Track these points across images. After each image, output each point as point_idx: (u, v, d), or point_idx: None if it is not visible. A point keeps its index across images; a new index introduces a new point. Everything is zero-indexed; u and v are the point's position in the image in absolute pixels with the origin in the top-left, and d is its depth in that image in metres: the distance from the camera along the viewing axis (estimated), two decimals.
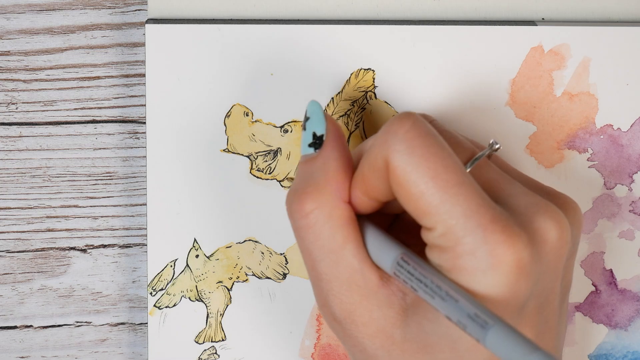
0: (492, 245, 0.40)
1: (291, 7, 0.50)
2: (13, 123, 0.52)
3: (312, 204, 0.43)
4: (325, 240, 0.43)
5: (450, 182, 0.40)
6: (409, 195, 0.41)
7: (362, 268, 0.43)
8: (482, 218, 0.40)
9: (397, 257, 0.42)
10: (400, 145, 0.41)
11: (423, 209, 0.41)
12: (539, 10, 0.51)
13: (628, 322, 0.54)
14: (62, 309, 0.54)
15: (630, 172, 0.52)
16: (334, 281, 0.44)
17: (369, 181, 0.43)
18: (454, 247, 0.40)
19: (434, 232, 0.41)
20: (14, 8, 0.50)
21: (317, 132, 0.45)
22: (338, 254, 0.43)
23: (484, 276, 0.40)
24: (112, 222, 0.53)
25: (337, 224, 0.43)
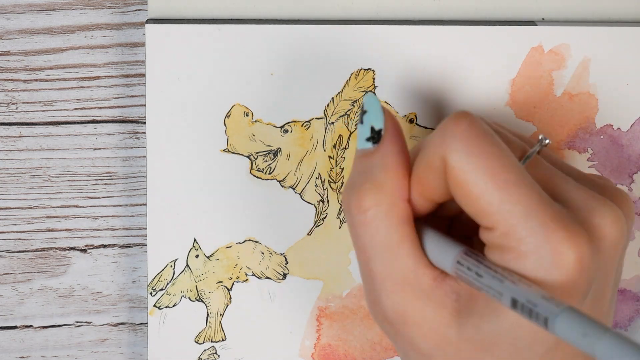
0: (554, 244, 0.40)
1: (291, 7, 0.50)
2: (13, 123, 0.52)
3: (371, 201, 0.43)
4: (381, 238, 0.43)
5: (510, 182, 0.40)
6: (468, 195, 0.41)
7: (417, 268, 0.43)
8: (543, 217, 0.40)
9: (458, 254, 0.42)
10: (458, 144, 0.41)
11: (483, 208, 0.41)
12: (539, 10, 0.51)
13: (628, 322, 0.54)
14: (62, 309, 0.54)
15: (630, 172, 0.52)
16: (388, 280, 0.43)
17: (425, 182, 0.43)
18: (516, 246, 0.40)
19: (495, 232, 0.41)
20: (14, 8, 0.50)
21: (376, 126, 0.45)
22: (394, 253, 0.43)
23: (548, 274, 0.40)
24: (112, 222, 0.53)
25: (395, 222, 0.43)
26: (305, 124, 0.51)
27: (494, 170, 0.40)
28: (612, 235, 0.42)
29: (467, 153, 0.41)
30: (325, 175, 0.51)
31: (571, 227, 0.40)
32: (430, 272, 0.43)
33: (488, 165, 0.40)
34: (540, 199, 0.40)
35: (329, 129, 0.51)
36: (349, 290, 0.53)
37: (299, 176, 0.51)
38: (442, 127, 0.42)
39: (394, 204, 0.43)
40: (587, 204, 0.42)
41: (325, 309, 0.53)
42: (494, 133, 0.42)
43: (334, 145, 0.51)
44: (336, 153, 0.51)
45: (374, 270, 0.44)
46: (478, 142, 0.41)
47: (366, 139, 0.45)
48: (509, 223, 0.40)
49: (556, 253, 0.40)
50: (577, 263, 0.40)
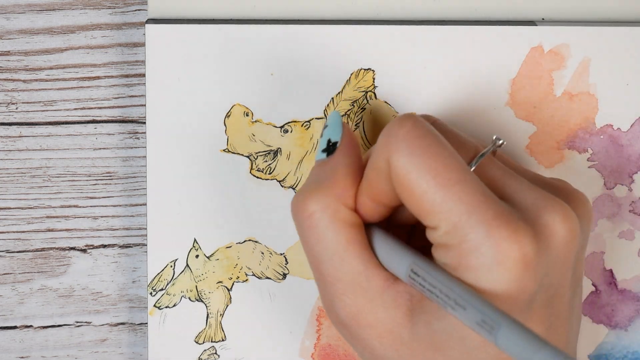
0: (496, 241, 0.40)
1: (291, 7, 0.50)
2: (13, 123, 0.52)
3: (316, 205, 0.44)
4: (328, 241, 0.43)
5: (452, 180, 0.40)
6: (411, 195, 0.41)
7: (367, 270, 0.43)
8: (485, 214, 0.40)
9: (409, 266, 0.42)
10: (401, 145, 0.41)
11: (426, 208, 0.41)
12: (539, 10, 0.51)
13: (628, 322, 0.54)
14: (62, 309, 0.54)
15: (630, 172, 0.52)
16: (338, 283, 0.44)
17: (374, 185, 0.43)
18: (459, 244, 0.40)
19: (438, 231, 0.41)
20: (14, 8, 0.50)
21: (332, 139, 0.45)
22: (341, 256, 0.43)
23: (490, 272, 0.40)
24: (112, 222, 0.53)
25: (341, 225, 0.43)
26: (305, 124, 0.51)
27: (436, 170, 0.41)
28: (562, 233, 0.41)
29: (410, 153, 0.41)
30: None
31: (514, 225, 0.40)
32: (381, 274, 0.43)
33: (430, 164, 0.41)
34: (484, 197, 0.40)
35: None
36: None
37: (299, 176, 0.51)
38: (386, 130, 0.42)
39: (339, 208, 0.44)
40: (536, 202, 0.42)
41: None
42: (439, 134, 0.42)
43: None
44: None
45: (324, 274, 0.44)
46: (421, 143, 0.41)
47: (322, 150, 0.46)
48: (451, 221, 0.40)
49: (498, 250, 0.40)
50: (519, 261, 0.40)
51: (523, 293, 0.40)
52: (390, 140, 0.42)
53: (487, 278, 0.40)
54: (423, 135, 0.41)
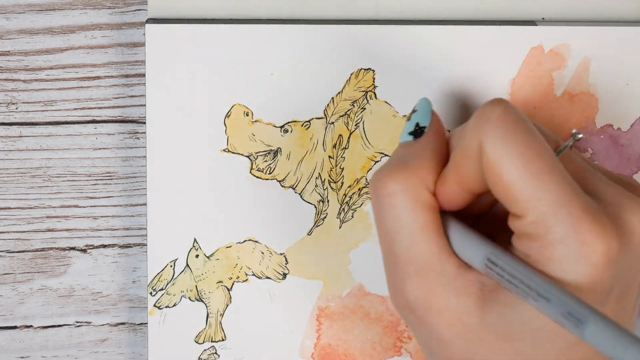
0: (582, 235, 0.40)
1: (291, 7, 0.50)
2: (13, 123, 0.52)
3: (399, 185, 0.43)
4: (406, 222, 0.43)
5: (543, 169, 0.40)
6: (501, 181, 0.41)
7: (441, 254, 0.43)
8: (574, 207, 0.40)
9: (485, 255, 0.42)
10: (494, 130, 0.41)
11: (515, 195, 0.40)
12: (539, 10, 0.51)
13: None
14: (62, 309, 0.54)
15: (630, 172, 0.52)
16: (411, 264, 0.43)
17: (462, 169, 0.43)
18: (545, 235, 0.40)
19: (525, 220, 0.41)
20: (14, 8, 0.50)
21: (421, 123, 0.45)
22: (418, 238, 0.43)
23: (574, 265, 0.40)
24: (112, 222, 0.53)
25: (421, 208, 0.43)
26: (305, 123, 0.51)
27: (528, 157, 0.40)
28: None
29: (502, 138, 0.41)
30: (325, 175, 0.51)
31: (601, 220, 0.40)
32: (455, 261, 0.43)
33: (522, 151, 0.40)
34: (572, 190, 0.40)
35: (329, 128, 0.51)
36: (349, 290, 0.53)
37: (299, 176, 0.51)
38: (478, 113, 0.42)
39: (421, 191, 0.43)
40: (618, 199, 0.42)
41: (325, 308, 0.53)
42: (529, 121, 0.42)
43: (334, 145, 0.51)
44: (336, 153, 0.51)
45: (397, 254, 0.43)
46: (514, 128, 0.41)
47: (409, 132, 0.45)
48: (539, 211, 0.40)
49: (584, 244, 0.40)
50: (604, 256, 0.40)
51: (603, 287, 0.40)
52: (483, 124, 0.41)
53: (570, 271, 0.40)
54: (516, 120, 0.41)
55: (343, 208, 0.52)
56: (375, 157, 0.51)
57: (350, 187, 0.51)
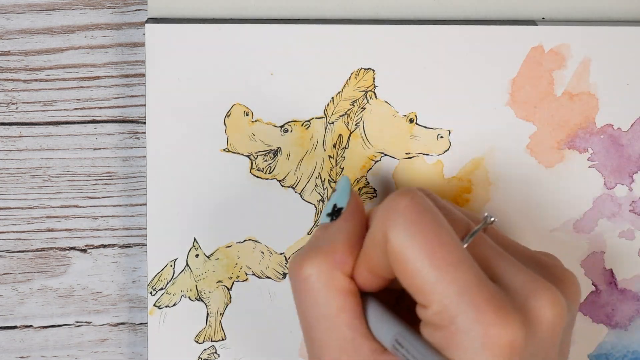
0: (485, 326, 0.40)
1: (291, 7, 0.50)
2: (13, 123, 0.52)
3: (312, 269, 0.44)
4: (320, 306, 0.44)
5: (447, 260, 0.40)
6: (405, 271, 0.41)
7: (354, 338, 0.43)
8: (477, 298, 0.40)
9: (394, 336, 0.42)
10: (399, 220, 0.41)
11: (418, 286, 0.41)
12: (539, 10, 0.51)
13: (628, 322, 0.54)
14: (62, 309, 0.54)
15: (631, 172, 0.52)
16: (325, 347, 0.44)
17: (371, 257, 0.43)
18: (448, 325, 0.40)
19: (429, 310, 0.41)
20: (14, 8, 0.50)
21: (338, 204, 0.46)
22: (332, 322, 0.44)
23: (477, 355, 0.40)
24: (112, 222, 0.53)
25: (334, 292, 0.44)
26: (305, 123, 0.51)
27: (432, 249, 0.41)
28: (549, 318, 0.42)
29: (407, 229, 0.41)
30: (325, 175, 0.51)
31: (504, 310, 0.40)
32: (369, 344, 0.43)
33: (426, 242, 0.41)
34: (476, 280, 0.40)
35: (329, 128, 0.51)
36: None
37: (299, 176, 0.51)
38: (385, 203, 0.42)
39: (335, 275, 0.44)
40: (525, 286, 0.42)
41: None
42: (437, 211, 0.42)
43: (334, 144, 0.51)
44: (336, 153, 0.51)
45: (313, 337, 0.44)
46: (418, 219, 0.41)
47: (327, 214, 0.46)
48: (442, 302, 0.40)
49: (486, 336, 0.40)
50: (507, 347, 0.40)
51: None
52: (389, 214, 0.42)
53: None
54: (421, 210, 0.41)
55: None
56: (375, 156, 0.51)
57: None
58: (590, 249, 0.53)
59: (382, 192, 0.52)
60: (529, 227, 0.52)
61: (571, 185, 0.52)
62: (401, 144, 0.51)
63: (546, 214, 0.52)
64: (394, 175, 0.51)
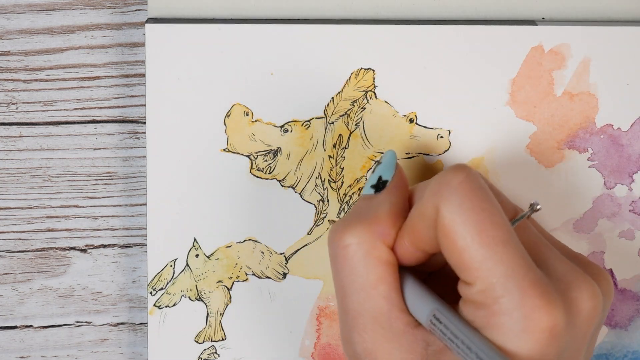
0: (528, 309, 0.40)
1: (291, 7, 0.50)
2: (13, 123, 0.52)
3: (354, 238, 0.44)
4: (358, 276, 0.43)
5: (496, 240, 0.40)
6: (454, 247, 0.41)
7: (390, 311, 0.43)
8: (522, 280, 0.40)
9: (431, 311, 0.42)
10: (452, 195, 0.41)
11: (466, 263, 0.41)
12: (539, 10, 0.51)
13: (628, 322, 0.54)
14: (62, 309, 0.54)
15: (631, 172, 0.52)
16: (360, 318, 0.44)
17: (418, 229, 0.43)
18: (491, 305, 0.40)
19: (473, 288, 0.41)
20: (14, 8, 0.50)
21: (384, 176, 0.46)
22: (369, 292, 0.43)
23: (517, 338, 0.40)
24: (112, 222, 0.53)
25: (374, 262, 0.43)
26: (305, 123, 0.51)
27: (483, 226, 0.41)
28: (588, 310, 0.42)
29: (460, 205, 0.41)
30: (325, 175, 0.51)
31: (548, 296, 0.40)
32: (404, 317, 0.43)
33: (478, 220, 0.41)
34: (524, 262, 0.40)
35: (329, 128, 0.51)
36: None
37: (299, 176, 0.51)
38: (439, 177, 0.42)
39: (376, 245, 0.44)
40: (567, 276, 0.42)
41: (325, 308, 0.53)
42: (489, 190, 0.42)
43: (334, 144, 0.51)
44: (336, 152, 0.51)
45: (348, 306, 0.44)
46: (472, 196, 0.41)
47: (371, 185, 0.46)
48: (488, 281, 0.40)
49: (529, 318, 0.40)
50: (548, 332, 0.40)
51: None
52: (443, 189, 0.42)
53: (514, 342, 0.40)
54: (476, 188, 0.41)
55: (343, 207, 0.52)
56: (375, 156, 0.51)
57: (350, 186, 0.51)
58: (590, 249, 0.53)
59: None
60: None
61: (571, 185, 0.52)
62: (401, 144, 0.51)
63: (546, 214, 0.52)
64: None
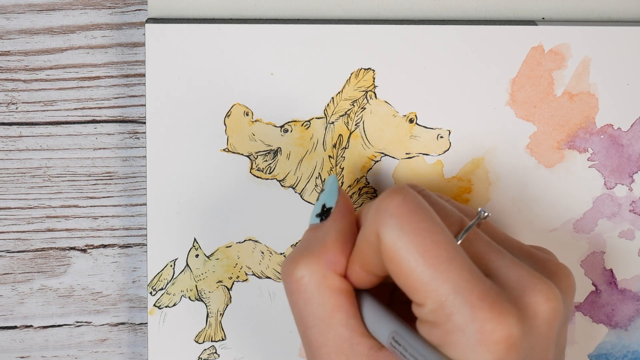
0: (480, 323, 0.40)
1: (291, 7, 0.50)
2: (13, 123, 0.52)
3: (304, 270, 0.44)
4: (315, 307, 0.44)
5: (440, 258, 0.40)
6: (399, 271, 0.41)
7: (351, 337, 0.43)
8: (471, 294, 0.40)
9: (390, 333, 0.42)
10: (391, 220, 0.41)
11: (413, 285, 0.41)
12: (539, 10, 0.51)
13: (628, 322, 0.54)
14: (62, 309, 0.54)
15: (631, 172, 0.52)
16: (323, 347, 0.44)
17: (364, 256, 0.43)
18: (444, 323, 0.40)
19: (424, 309, 0.41)
20: (14, 8, 0.50)
21: (327, 204, 0.46)
22: (327, 322, 0.44)
23: (474, 353, 0.40)
24: (112, 222, 0.53)
25: (328, 292, 0.44)
26: (305, 123, 0.51)
27: (425, 247, 0.40)
28: (545, 313, 0.42)
29: (399, 229, 0.41)
30: (325, 175, 0.51)
31: (499, 306, 0.40)
32: (366, 342, 0.43)
33: (419, 241, 0.41)
34: (471, 277, 0.40)
35: (329, 128, 0.51)
36: None
37: (299, 176, 0.51)
38: (377, 202, 0.42)
39: (327, 275, 0.44)
40: (521, 281, 0.42)
41: None
42: (429, 208, 0.42)
43: (334, 144, 0.51)
44: (336, 153, 0.51)
45: (310, 338, 0.44)
46: (411, 218, 0.41)
47: (316, 215, 0.46)
48: (437, 300, 0.40)
49: (482, 332, 0.40)
50: (504, 342, 0.40)
51: None
52: (381, 214, 0.42)
53: (471, 357, 0.40)
54: (413, 209, 0.41)
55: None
56: (375, 156, 0.51)
57: (350, 186, 0.51)
58: (590, 249, 0.53)
59: (382, 192, 0.52)
60: (528, 227, 0.52)
61: (571, 185, 0.52)
62: (401, 144, 0.51)
63: (546, 214, 0.52)
64: (394, 175, 0.51)
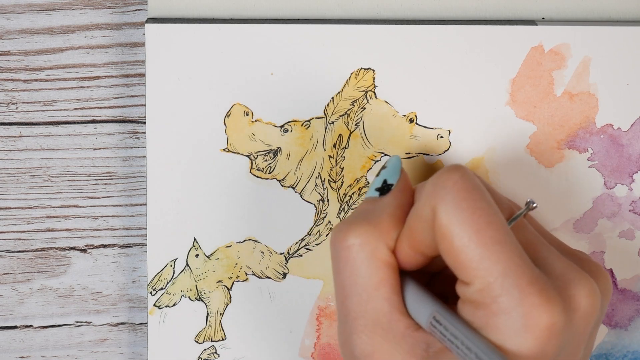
0: (527, 308, 0.40)
1: (291, 7, 0.50)
2: (13, 123, 0.52)
3: (357, 238, 0.43)
4: (361, 277, 0.43)
5: (493, 239, 0.40)
6: (451, 247, 0.41)
7: (391, 313, 0.43)
8: (520, 279, 0.40)
9: (431, 313, 0.42)
10: (448, 196, 0.41)
11: (463, 263, 0.41)
12: (539, 10, 0.51)
13: (628, 322, 0.54)
14: (62, 309, 0.54)
15: (631, 172, 0.52)
16: (360, 319, 0.44)
17: (415, 233, 0.43)
18: (490, 304, 0.40)
19: (471, 287, 0.41)
20: (14, 8, 0.50)
21: (389, 180, 0.46)
22: (370, 294, 0.43)
23: (517, 336, 0.40)
24: (112, 222, 0.53)
25: (377, 264, 0.43)
26: (305, 123, 0.51)
27: (479, 226, 0.41)
28: (586, 308, 0.42)
29: (455, 205, 0.41)
30: (325, 175, 0.51)
31: (547, 294, 0.40)
32: (405, 320, 0.43)
33: (474, 220, 0.41)
34: (521, 261, 0.41)
35: (329, 128, 0.51)
36: None
37: (299, 175, 0.51)
38: (434, 178, 0.42)
39: (379, 247, 0.44)
40: (565, 273, 0.42)
41: (325, 308, 0.53)
42: (485, 189, 0.42)
43: (334, 144, 0.51)
44: (336, 152, 0.51)
45: (348, 307, 0.44)
46: (467, 196, 0.41)
47: (376, 188, 0.46)
48: (486, 280, 0.40)
49: (528, 316, 0.40)
50: (547, 330, 0.40)
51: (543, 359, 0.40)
52: (438, 190, 0.42)
53: (513, 341, 0.40)
54: (470, 188, 0.41)
55: (343, 207, 0.52)
56: (375, 156, 0.51)
57: (350, 186, 0.51)
58: (590, 249, 0.53)
59: None
60: None
61: (571, 185, 0.52)
62: (401, 144, 0.51)
63: (546, 214, 0.52)
64: None
